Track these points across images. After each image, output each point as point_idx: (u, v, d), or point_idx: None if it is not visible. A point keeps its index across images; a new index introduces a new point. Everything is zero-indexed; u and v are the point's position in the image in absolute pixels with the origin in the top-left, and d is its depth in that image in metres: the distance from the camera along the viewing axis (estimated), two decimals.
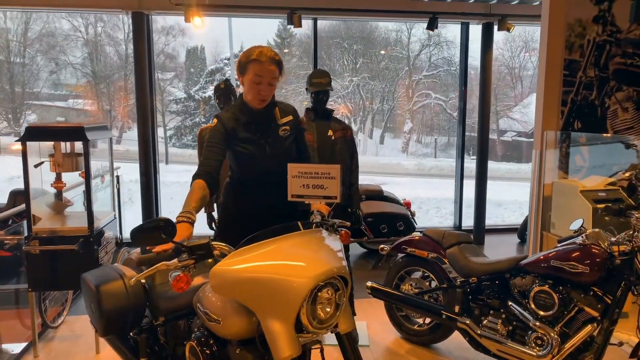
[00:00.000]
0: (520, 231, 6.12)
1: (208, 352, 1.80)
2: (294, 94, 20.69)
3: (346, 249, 3.52)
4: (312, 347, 1.78)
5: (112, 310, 2.13)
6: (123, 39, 18.55)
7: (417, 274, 3.54)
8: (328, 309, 1.62)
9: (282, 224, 1.83)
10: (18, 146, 3.25)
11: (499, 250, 5.84)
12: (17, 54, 20.14)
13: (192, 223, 1.86)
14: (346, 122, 3.73)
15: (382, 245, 3.64)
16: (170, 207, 5.90)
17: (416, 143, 23.44)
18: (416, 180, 17.77)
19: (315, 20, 5.60)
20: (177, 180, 12.27)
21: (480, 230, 6.07)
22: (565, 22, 4.00)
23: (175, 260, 1.57)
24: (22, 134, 3.06)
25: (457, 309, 3.12)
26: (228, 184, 2.39)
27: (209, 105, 20.04)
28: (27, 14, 19.15)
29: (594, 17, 3.98)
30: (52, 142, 3.20)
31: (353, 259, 5.50)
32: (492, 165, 19.82)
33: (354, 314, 3.60)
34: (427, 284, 3.47)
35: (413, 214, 5.38)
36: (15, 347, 3.39)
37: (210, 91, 20.09)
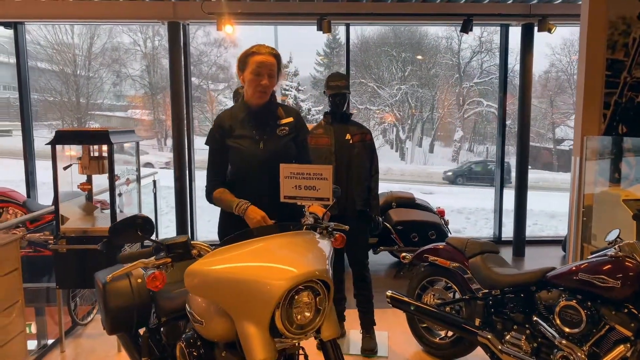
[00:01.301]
0: (564, 243, 5.76)
1: (195, 353, 1.78)
2: None
3: (340, 253, 3.43)
4: (294, 352, 1.72)
5: (117, 309, 2.17)
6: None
7: (440, 284, 3.39)
8: (307, 314, 1.56)
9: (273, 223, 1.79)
10: (72, 152, 3.46)
11: (538, 262, 5.51)
12: (83, 68, 21.44)
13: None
14: (369, 127, 3.64)
15: (404, 254, 3.52)
16: (204, 213, 6.02)
17: (467, 152, 22.81)
18: (466, 189, 17.25)
19: (347, 26, 5.56)
20: None
21: (520, 241, 5.76)
22: (607, 20, 3.74)
23: (153, 258, 1.57)
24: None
25: (478, 322, 2.95)
26: (227, 181, 2.40)
27: None
28: (93, 30, 20.43)
29: (638, 13, 3.70)
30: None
31: (380, 268, 5.38)
32: (547, 175, 18.95)
33: (373, 323, 3.50)
34: (450, 295, 3.32)
35: (446, 223, 5.18)
36: (46, 343, 3.54)
37: None
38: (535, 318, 2.73)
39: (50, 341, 3.56)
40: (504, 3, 5.33)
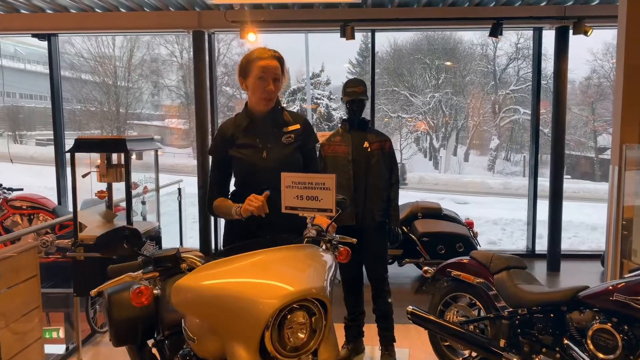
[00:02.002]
0: (603, 258, 5.42)
1: None
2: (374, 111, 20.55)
3: (358, 266, 3.30)
4: None
5: (121, 320, 2.11)
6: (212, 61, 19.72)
7: (464, 301, 3.21)
8: (302, 335, 1.45)
9: (272, 235, 1.70)
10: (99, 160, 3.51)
11: (574, 278, 5.20)
12: (123, 79, 22.16)
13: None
14: (401, 135, 3.51)
15: (425, 267, 3.36)
16: None
17: (504, 161, 22.17)
18: (502, 199, 16.70)
19: (373, 33, 5.45)
20: None
21: (555, 255, 5.44)
22: None
23: (141, 272, 1.49)
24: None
25: (503, 343, 2.76)
26: (233, 192, 2.32)
27: None
28: (133, 42, 21.12)
29: None
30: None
31: (406, 281, 5.20)
32: (589, 185, 18.14)
33: (393, 340, 3.35)
34: (474, 312, 3.13)
35: (475, 235, 4.96)
36: (63, 349, 3.55)
37: (292, 109, 20.69)
38: (565, 341, 2.53)
39: (70, 346, 3.57)
40: (536, 5, 5.10)
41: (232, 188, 2.29)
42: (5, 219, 5.26)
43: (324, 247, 1.79)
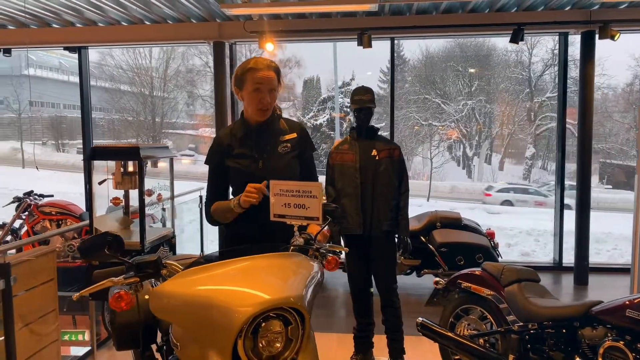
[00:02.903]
0: None
1: None
2: (404, 119, 20.43)
3: (366, 276, 3.26)
4: None
5: (122, 325, 2.15)
6: None
7: (476, 314, 3.11)
8: (278, 344, 1.44)
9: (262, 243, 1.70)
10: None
11: (602, 292, 4.96)
12: (159, 89, 22.83)
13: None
14: (433, 143, 3.46)
15: (437, 279, 3.29)
16: None
17: (540, 170, 21.50)
18: (537, 210, 16.19)
19: (392, 40, 5.42)
20: None
21: (582, 268, 5.21)
22: None
23: (122, 277, 1.52)
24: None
25: (511, 358, 2.66)
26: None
27: (319, 132, 20.63)
28: (168, 54, 21.77)
29: None
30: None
31: (424, 292, 5.08)
32: (629, 195, 17.35)
33: (402, 352, 3.28)
34: (486, 326, 3.03)
35: (496, 246, 4.81)
36: (80, 352, 3.65)
37: (322, 118, 20.80)
38: (577, 358, 2.42)
39: (84, 350, 3.66)
40: (560, 10, 4.94)
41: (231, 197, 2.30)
42: (36, 224, 5.49)
43: (313, 256, 1.78)
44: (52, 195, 5.72)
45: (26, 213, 5.55)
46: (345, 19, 5.14)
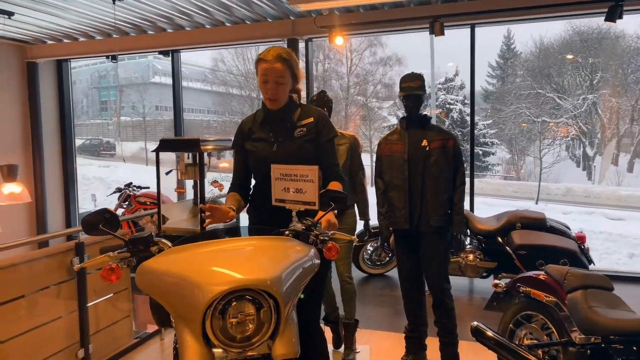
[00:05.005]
0: None
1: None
2: (514, 116, 19.14)
3: (418, 274, 3.09)
4: None
5: (154, 304, 2.29)
6: (345, 72, 20.36)
7: (538, 322, 2.80)
8: (249, 327, 1.42)
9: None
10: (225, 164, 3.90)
11: None
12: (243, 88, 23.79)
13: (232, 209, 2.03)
14: (545, 140, 3.22)
15: (496, 281, 3.02)
16: None
17: None
18: None
19: (472, 27, 5.05)
20: None
21: None
22: None
23: (116, 252, 1.60)
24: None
25: None
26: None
27: None
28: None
29: None
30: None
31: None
32: None
33: (456, 357, 3.06)
34: (547, 336, 2.71)
35: (586, 251, 4.27)
36: (151, 329, 3.96)
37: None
38: None
39: (154, 328, 3.95)
40: None
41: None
42: (133, 213, 6.06)
43: (311, 242, 1.73)
44: (148, 187, 6.27)
45: (126, 203, 6.15)
46: (418, 7, 4.91)
